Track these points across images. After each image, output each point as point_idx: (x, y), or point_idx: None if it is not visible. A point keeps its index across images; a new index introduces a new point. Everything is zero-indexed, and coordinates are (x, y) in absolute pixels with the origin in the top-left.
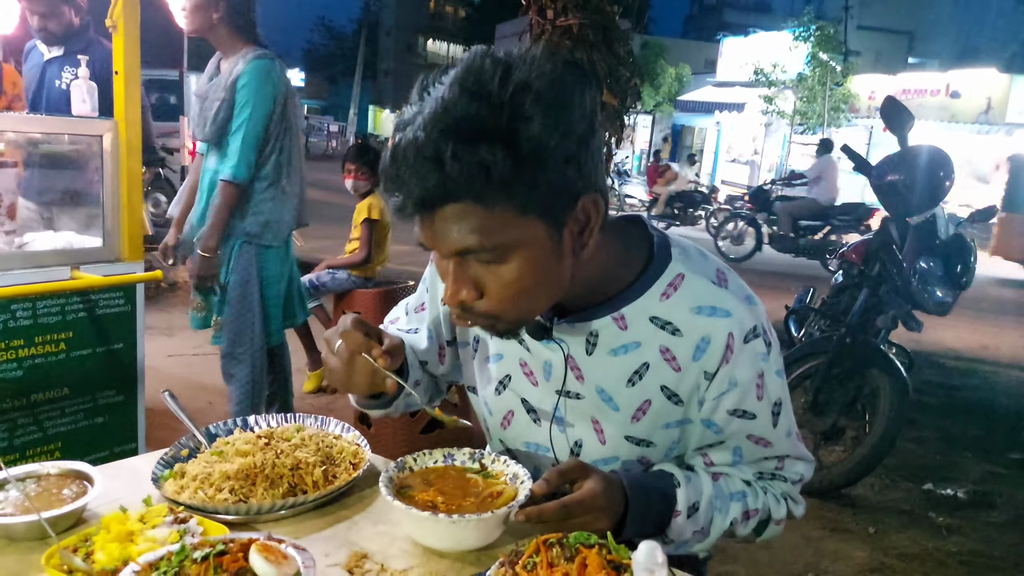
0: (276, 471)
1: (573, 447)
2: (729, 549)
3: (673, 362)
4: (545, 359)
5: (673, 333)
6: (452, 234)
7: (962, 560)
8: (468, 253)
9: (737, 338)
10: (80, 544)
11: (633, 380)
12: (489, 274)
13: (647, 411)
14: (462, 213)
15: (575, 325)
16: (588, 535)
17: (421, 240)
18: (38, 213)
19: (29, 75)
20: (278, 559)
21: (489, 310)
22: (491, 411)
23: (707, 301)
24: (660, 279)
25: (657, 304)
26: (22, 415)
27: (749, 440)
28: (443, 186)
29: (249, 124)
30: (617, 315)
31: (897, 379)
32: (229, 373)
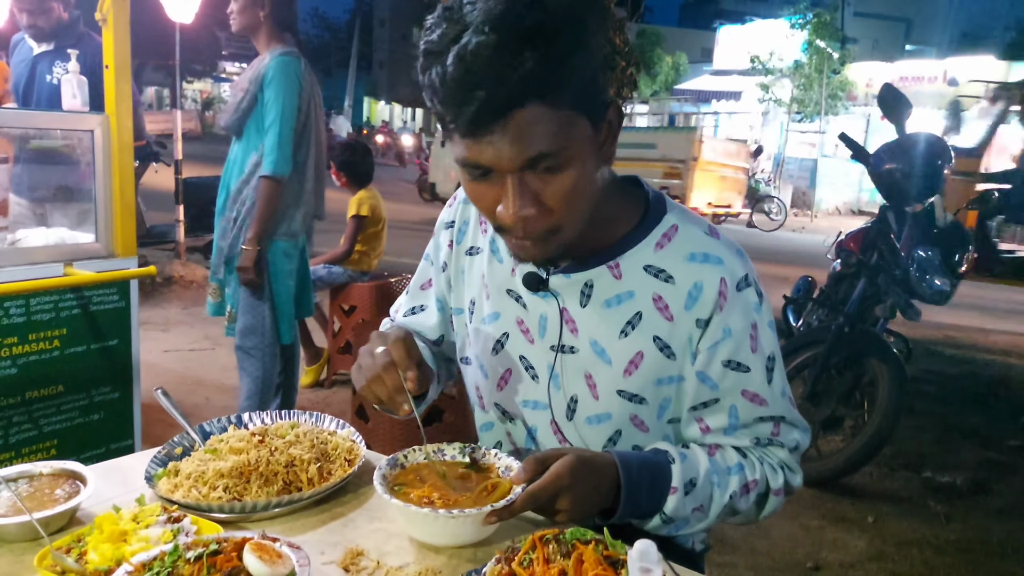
0: (270, 468)
1: (569, 403)
2: (728, 540)
3: (666, 311)
4: (540, 313)
5: (666, 280)
6: (527, 139)
7: (961, 547)
8: (539, 159)
9: (730, 285)
10: (73, 545)
11: (626, 331)
12: (547, 186)
13: (639, 364)
14: (534, 116)
15: (571, 276)
16: (584, 531)
17: (481, 162)
18: (30, 209)
19: (18, 70)
20: (272, 558)
21: (551, 223)
22: (486, 373)
23: (700, 248)
24: (655, 229)
25: (652, 253)
26: (17, 413)
27: (744, 397)
28: (523, 84)
29: (283, 119)
30: (612, 263)
31: (895, 368)
32: (242, 366)
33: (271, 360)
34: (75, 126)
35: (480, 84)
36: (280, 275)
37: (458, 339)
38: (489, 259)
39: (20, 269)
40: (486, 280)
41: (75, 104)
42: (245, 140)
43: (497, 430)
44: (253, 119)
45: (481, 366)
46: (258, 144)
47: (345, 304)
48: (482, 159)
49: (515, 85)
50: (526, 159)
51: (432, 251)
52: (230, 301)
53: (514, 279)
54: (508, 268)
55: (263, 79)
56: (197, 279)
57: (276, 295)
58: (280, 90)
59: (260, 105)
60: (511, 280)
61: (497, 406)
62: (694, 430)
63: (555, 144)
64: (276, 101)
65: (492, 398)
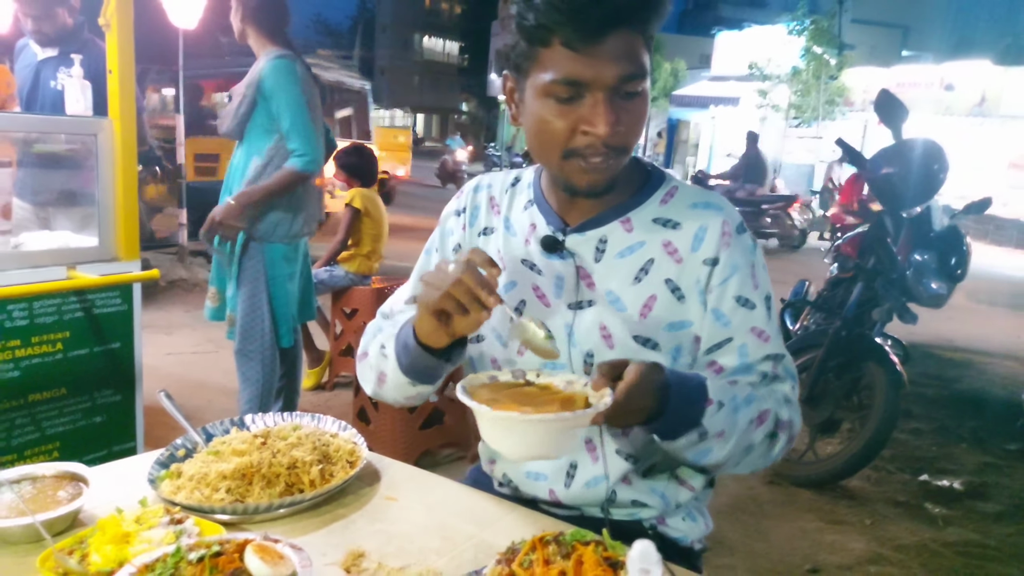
0: (272, 470)
1: (585, 358)
2: (726, 541)
3: (675, 255)
4: (557, 273)
5: (674, 228)
6: (621, 58)
7: (958, 551)
8: (628, 80)
9: (731, 226)
10: (75, 546)
11: (639, 277)
12: (626, 110)
13: (652, 307)
14: (629, 39)
15: (586, 233)
16: (584, 532)
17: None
18: (33, 213)
19: (22, 75)
20: (274, 559)
21: (622, 141)
22: (505, 343)
23: (701, 198)
24: (659, 189)
25: (658, 208)
26: (20, 415)
27: (752, 334)
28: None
29: (300, 120)
30: (624, 219)
31: (892, 372)
32: (241, 370)
33: (271, 364)
34: (79, 130)
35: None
36: (279, 279)
37: None
38: (504, 235)
39: (23, 272)
40: (502, 254)
41: (79, 108)
42: (247, 144)
43: None
44: (252, 123)
45: (499, 336)
46: (260, 148)
47: (347, 307)
48: (583, 73)
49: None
50: (626, 74)
51: (438, 241)
52: (230, 305)
53: (528, 248)
54: (522, 240)
55: (260, 83)
56: (200, 282)
57: (274, 299)
58: (284, 91)
59: (258, 109)
60: (524, 250)
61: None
62: (706, 373)
63: (642, 68)
64: (285, 103)
65: (510, 366)
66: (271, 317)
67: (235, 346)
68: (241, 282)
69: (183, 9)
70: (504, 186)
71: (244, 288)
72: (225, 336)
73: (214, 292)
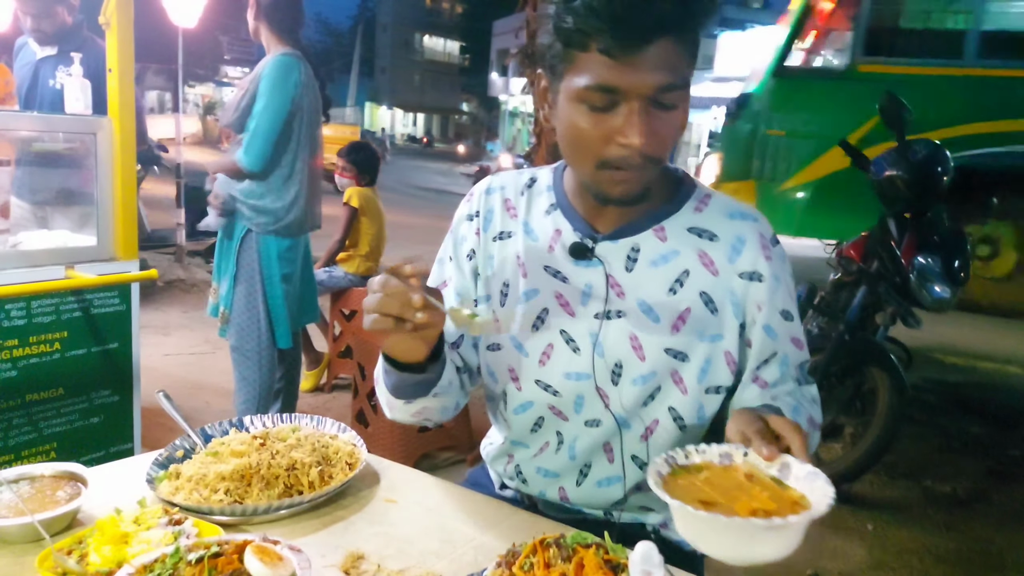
0: (271, 472)
1: (614, 368)
2: None
3: (711, 266)
4: (585, 281)
5: (711, 239)
6: (660, 68)
7: (961, 557)
8: (665, 90)
9: (767, 238)
10: (74, 546)
11: (674, 288)
12: (661, 121)
13: (686, 319)
14: (668, 50)
15: (618, 241)
16: (585, 535)
17: (614, 84)
18: (31, 212)
19: (21, 74)
20: (273, 561)
21: (656, 152)
22: (526, 351)
23: (737, 208)
24: (692, 197)
25: (692, 216)
26: (17, 415)
27: (792, 344)
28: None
29: (264, 116)
30: (658, 227)
31: (896, 376)
32: (238, 370)
33: (268, 364)
34: (78, 129)
35: (639, 7)
36: (274, 278)
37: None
38: (524, 240)
39: (21, 271)
40: (522, 260)
41: (78, 107)
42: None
43: (537, 408)
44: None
45: (519, 345)
46: None
47: (346, 308)
48: (620, 81)
49: (670, 13)
50: (663, 84)
51: (451, 248)
52: (224, 302)
53: (552, 255)
54: (545, 246)
55: (260, 78)
56: (198, 283)
57: (270, 297)
58: (270, 89)
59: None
60: (549, 257)
61: (539, 382)
62: (752, 391)
63: (680, 79)
64: (262, 98)
65: (532, 375)
66: (267, 317)
67: (231, 343)
68: (238, 279)
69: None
70: (518, 187)
71: (240, 286)
72: (218, 334)
73: (216, 288)
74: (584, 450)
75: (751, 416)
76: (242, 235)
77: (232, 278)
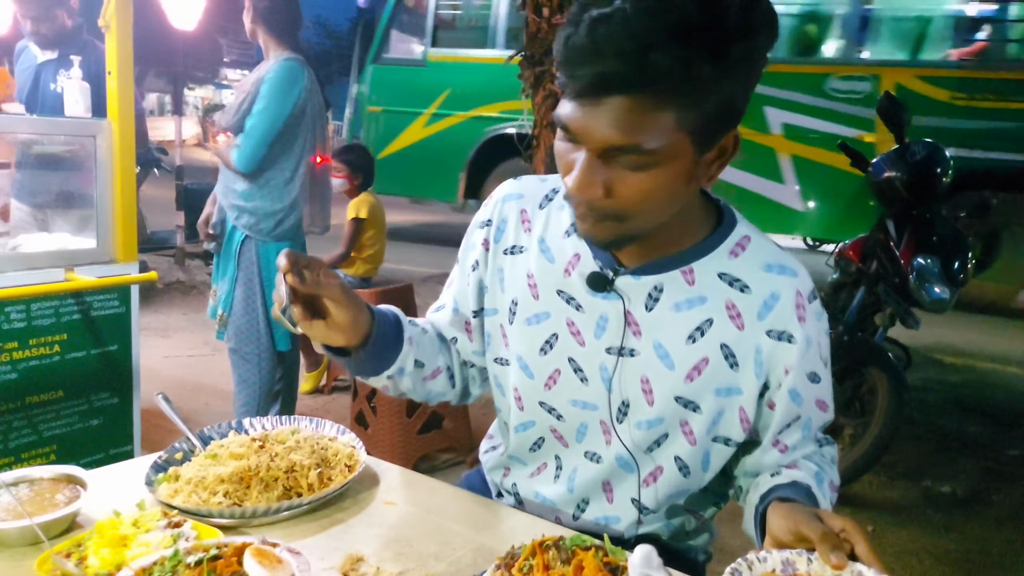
0: (271, 474)
1: (620, 406)
2: (727, 549)
3: (737, 319)
4: (600, 313)
5: (742, 290)
6: (612, 125)
7: (960, 557)
8: (619, 151)
9: (804, 297)
10: (73, 549)
11: (694, 336)
12: (622, 180)
13: (702, 371)
14: (632, 108)
15: (640, 279)
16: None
17: (571, 125)
18: (31, 215)
19: (22, 78)
20: (272, 563)
21: (615, 209)
22: (532, 373)
23: (776, 260)
24: (729, 238)
25: (726, 261)
26: (17, 418)
27: (816, 407)
28: (638, 71)
29: (261, 119)
30: (686, 268)
31: (895, 377)
32: (237, 372)
33: (268, 366)
34: (78, 132)
35: (599, 56)
36: (273, 281)
37: (491, 341)
38: (538, 258)
39: (21, 274)
40: (534, 280)
41: (78, 110)
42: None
43: (539, 428)
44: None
45: (525, 367)
46: None
47: None
48: (573, 125)
49: (629, 71)
50: (608, 145)
51: (462, 252)
52: (221, 304)
53: (568, 280)
54: (560, 269)
55: (262, 82)
56: (197, 285)
57: (269, 301)
58: (272, 93)
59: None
60: (564, 281)
61: (543, 404)
62: (773, 455)
63: (641, 143)
64: (262, 101)
65: (537, 397)
66: (266, 319)
67: (229, 345)
68: (237, 282)
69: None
70: (538, 199)
71: (240, 288)
72: (215, 336)
73: (215, 291)
74: (583, 484)
75: (806, 515)
76: (241, 239)
77: (231, 281)
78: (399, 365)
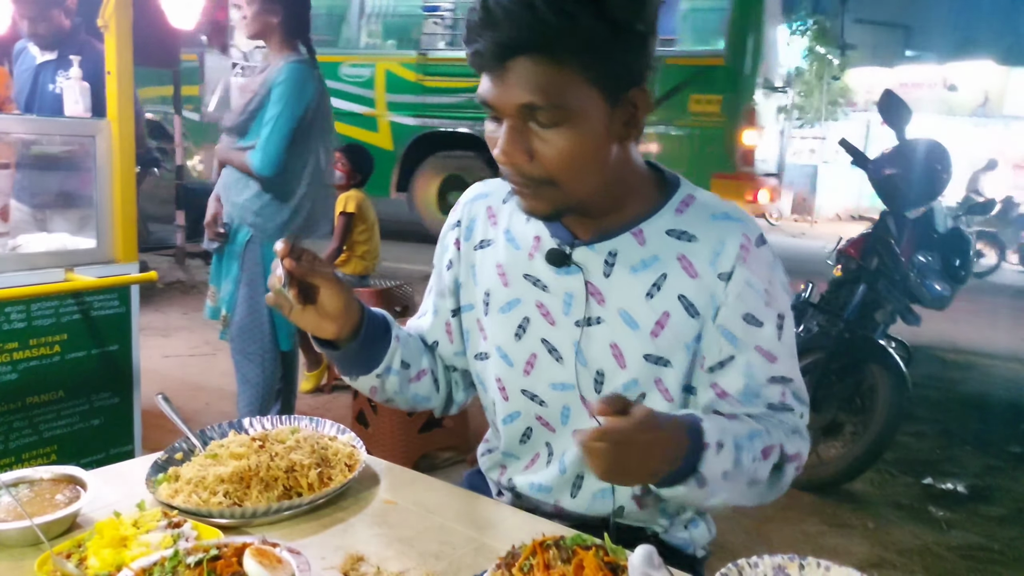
0: (271, 474)
1: (596, 377)
2: (728, 546)
3: (690, 268)
4: (565, 290)
5: (690, 240)
6: (521, 87)
7: (962, 554)
8: (531, 109)
9: (751, 240)
10: (73, 550)
11: (652, 292)
12: (543, 141)
13: (666, 325)
14: (535, 67)
15: (594, 247)
16: (585, 537)
17: (487, 99)
18: (31, 215)
19: (21, 78)
20: (273, 563)
21: (543, 174)
22: (511, 361)
23: (720, 209)
24: (674, 198)
25: (673, 218)
26: (17, 418)
27: (757, 353)
28: (530, 30)
29: (279, 121)
30: (636, 230)
31: (896, 374)
32: (240, 372)
33: (272, 365)
34: (77, 132)
35: (494, 24)
36: None
37: (470, 338)
38: (505, 247)
39: (21, 274)
40: (503, 268)
41: (77, 110)
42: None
43: (525, 418)
44: (257, 122)
45: (504, 355)
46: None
47: None
48: (488, 98)
49: (522, 31)
50: (518, 105)
51: (437, 256)
52: (224, 304)
53: (532, 263)
54: (525, 254)
55: (273, 82)
56: (197, 284)
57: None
58: (284, 93)
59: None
60: (529, 265)
61: (525, 392)
62: (709, 396)
63: (550, 99)
64: (277, 103)
65: (519, 385)
66: (270, 319)
67: (234, 347)
68: (241, 282)
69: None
70: (502, 194)
71: (244, 288)
72: (218, 337)
73: (214, 291)
74: (574, 462)
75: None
76: (246, 239)
77: (234, 281)
78: (387, 363)
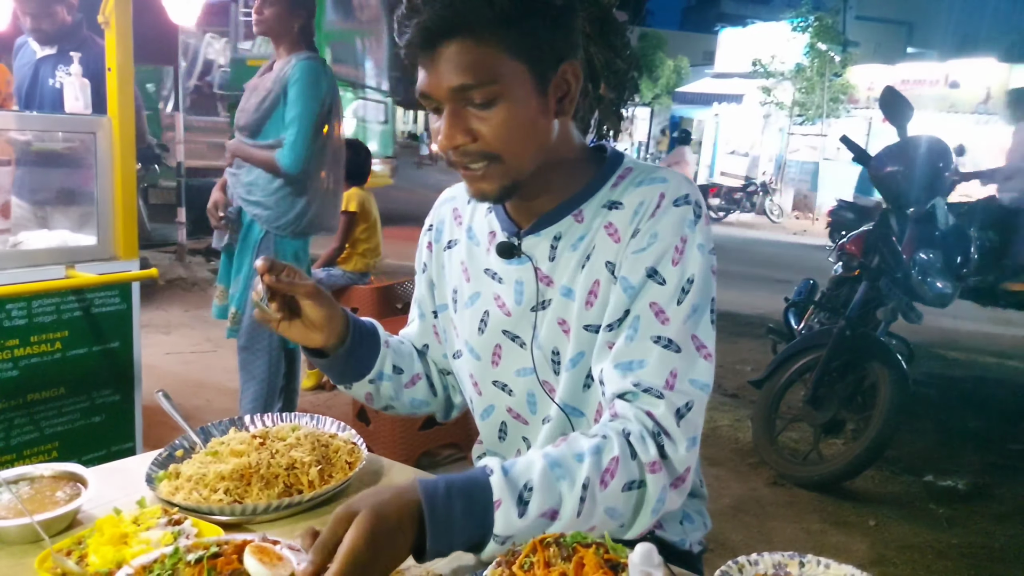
0: (271, 471)
1: (552, 357)
2: (728, 543)
3: (615, 235)
4: (516, 279)
5: (616, 207)
6: (451, 70)
7: (963, 552)
8: (464, 90)
9: (667, 198)
10: (73, 547)
11: (583, 263)
12: (481, 120)
13: (598, 293)
14: (462, 49)
15: (540, 233)
16: (585, 535)
17: (423, 89)
18: (32, 212)
19: (21, 74)
20: (273, 561)
21: (487, 148)
22: (478, 355)
23: (649, 175)
24: (613, 174)
25: (608, 191)
26: (19, 415)
27: (650, 309)
28: (452, 11)
29: (302, 120)
30: (577, 212)
31: (897, 371)
32: (245, 368)
33: (277, 361)
34: (77, 128)
35: (418, 12)
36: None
37: (447, 338)
38: (467, 244)
39: (22, 271)
40: (466, 265)
41: (78, 107)
42: (261, 139)
43: (499, 412)
44: (272, 120)
45: (472, 349)
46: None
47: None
48: (424, 87)
49: (444, 15)
50: (451, 88)
51: (416, 262)
52: (234, 302)
53: (489, 257)
54: (483, 249)
55: (288, 81)
56: (199, 281)
57: None
58: (303, 91)
59: (280, 106)
60: (487, 259)
61: (496, 383)
62: (605, 353)
63: (480, 78)
64: (297, 102)
65: (489, 376)
66: None
67: (240, 343)
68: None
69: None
70: (467, 196)
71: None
72: (225, 335)
73: (222, 290)
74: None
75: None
76: (260, 235)
77: (246, 278)
78: (379, 368)
